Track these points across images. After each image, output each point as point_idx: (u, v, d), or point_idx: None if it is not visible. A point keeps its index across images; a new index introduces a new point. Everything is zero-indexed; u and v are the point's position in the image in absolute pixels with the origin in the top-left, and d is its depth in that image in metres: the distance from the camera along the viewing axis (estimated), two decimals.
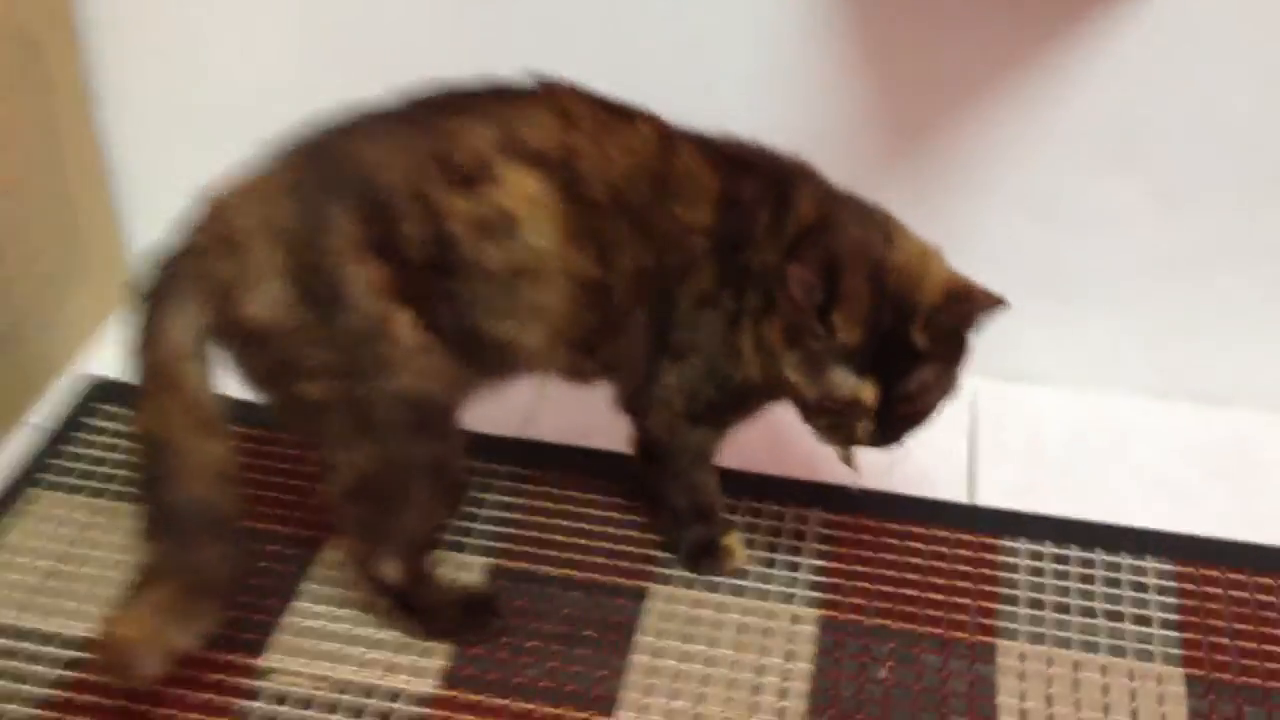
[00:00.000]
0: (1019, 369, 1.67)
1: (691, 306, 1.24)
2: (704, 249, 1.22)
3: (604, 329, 1.24)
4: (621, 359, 1.28)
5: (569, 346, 1.25)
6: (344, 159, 1.17)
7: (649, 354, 1.27)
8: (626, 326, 1.25)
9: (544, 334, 1.23)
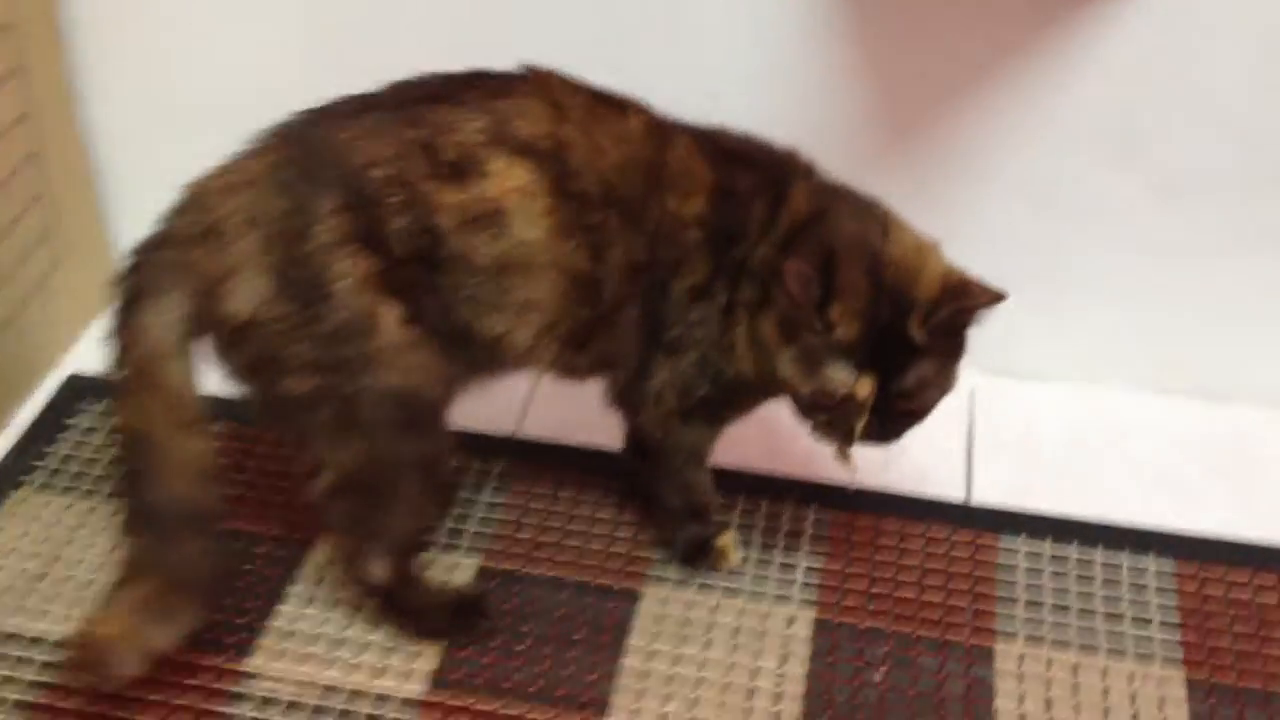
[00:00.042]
0: (1017, 364, 1.66)
1: (684, 300, 1.22)
2: (697, 242, 1.21)
3: (595, 323, 1.23)
4: (613, 354, 1.26)
5: (560, 341, 1.23)
6: (329, 149, 1.15)
7: (641, 349, 1.25)
8: (618, 321, 1.23)
9: (534, 329, 1.21)
